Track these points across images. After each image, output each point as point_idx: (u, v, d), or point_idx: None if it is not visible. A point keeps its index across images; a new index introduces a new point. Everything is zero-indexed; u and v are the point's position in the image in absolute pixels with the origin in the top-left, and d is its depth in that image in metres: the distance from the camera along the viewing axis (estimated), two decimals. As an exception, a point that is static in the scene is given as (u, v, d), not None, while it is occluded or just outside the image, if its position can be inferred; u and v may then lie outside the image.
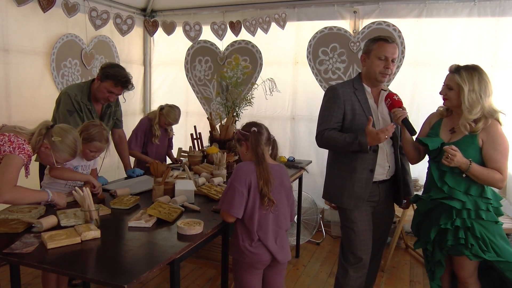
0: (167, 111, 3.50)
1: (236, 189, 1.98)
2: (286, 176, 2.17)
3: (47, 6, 3.50)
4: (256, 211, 2.00)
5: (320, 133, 2.34)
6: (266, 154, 2.09)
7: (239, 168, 2.05)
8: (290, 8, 4.30)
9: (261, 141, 2.07)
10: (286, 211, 2.13)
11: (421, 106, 3.90)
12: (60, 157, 2.12)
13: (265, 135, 2.11)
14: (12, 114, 3.40)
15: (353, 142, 2.20)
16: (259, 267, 2.08)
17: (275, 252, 2.04)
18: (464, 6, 3.77)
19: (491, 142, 2.05)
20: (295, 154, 4.26)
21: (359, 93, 2.34)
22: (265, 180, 1.98)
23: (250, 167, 2.02)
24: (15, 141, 1.96)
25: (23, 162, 1.98)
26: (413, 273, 3.49)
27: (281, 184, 2.10)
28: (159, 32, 4.76)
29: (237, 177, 2.00)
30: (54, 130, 2.11)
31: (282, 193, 2.11)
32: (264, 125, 2.17)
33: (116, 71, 2.85)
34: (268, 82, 3.87)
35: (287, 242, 2.15)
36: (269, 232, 2.03)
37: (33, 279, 3.14)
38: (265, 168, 2.01)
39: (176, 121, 3.57)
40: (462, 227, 2.07)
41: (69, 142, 2.12)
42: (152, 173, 2.53)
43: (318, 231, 4.24)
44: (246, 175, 1.99)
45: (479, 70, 2.08)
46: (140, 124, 3.60)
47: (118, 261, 1.62)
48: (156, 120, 3.52)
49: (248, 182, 1.98)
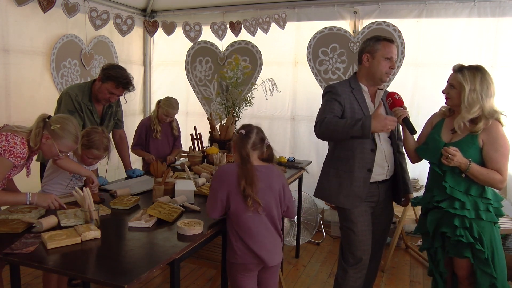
0: (163, 101, 3.51)
1: (213, 190, 2.02)
2: (276, 177, 2.09)
3: (47, 6, 3.50)
4: (241, 213, 1.98)
5: (320, 120, 2.24)
6: (252, 157, 2.04)
7: (219, 170, 2.07)
8: (290, 9, 4.31)
9: (246, 144, 2.03)
10: (276, 213, 2.07)
11: (421, 106, 3.90)
12: (63, 144, 2.09)
13: (254, 139, 2.06)
14: (12, 114, 3.40)
15: (355, 124, 2.09)
16: (252, 269, 2.05)
17: (263, 255, 1.99)
18: (464, 7, 3.77)
19: (492, 142, 2.05)
20: (295, 154, 4.26)
21: (357, 92, 2.34)
22: (248, 181, 1.95)
23: (231, 169, 2.02)
24: (7, 144, 1.94)
25: (12, 165, 1.97)
26: (413, 273, 3.49)
27: (269, 186, 2.04)
28: (159, 33, 4.76)
29: (215, 179, 2.04)
30: (52, 119, 2.10)
31: (271, 194, 2.05)
32: (258, 128, 2.12)
33: (117, 73, 2.84)
34: (268, 82, 3.87)
35: (278, 244, 2.09)
36: (256, 234, 1.99)
37: (33, 279, 3.14)
38: (249, 169, 1.97)
39: (174, 109, 3.51)
40: (462, 227, 2.08)
41: (70, 128, 2.11)
42: (152, 173, 2.53)
43: (318, 231, 4.24)
44: (224, 177, 2.01)
45: (483, 70, 2.08)
46: (141, 123, 3.63)
47: (118, 261, 1.62)
48: (155, 115, 3.53)
49: (227, 184, 1.98)
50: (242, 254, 2.00)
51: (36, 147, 2.05)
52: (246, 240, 1.99)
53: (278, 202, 2.08)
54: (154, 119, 3.52)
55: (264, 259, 2.00)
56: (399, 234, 3.67)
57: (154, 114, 3.54)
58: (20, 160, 1.99)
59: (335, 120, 2.19)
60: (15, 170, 2.09)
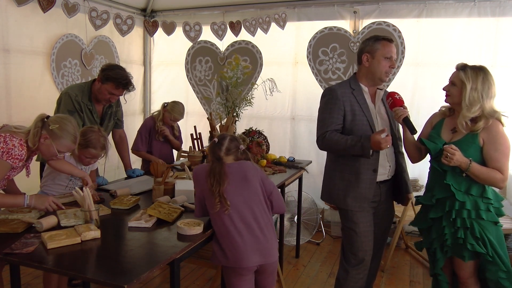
0: (171, 106, 3.51)
1: (195, 191, 2.08)
2: (251, 169, 2.06)
3: (47, 6, 3.50)
4: (212, 211, 1.99)
5: (321, 136, 2.32)
6: (225, 159, 2.05)
7: (194, 170, 2.13)
8: (290, 8, 4.31)
9: (217, 150, 2.06)
10: (258, 209, 2.02)
11: (421, 106, 3.90)
12: (61, 144, 2.08)
13: (227, 145, 2.07)
14: (12, 114, 3.40)
15: (355, 145, 2.19)
16: (244, 273, 2.00)
17: (233, 255, 1.93)
18: (464, 6, 3.77)
19: (492, 142, 2.05)
20: (295, 154, 4.26)
21: (357, 93, 2.34)
22: (216, 180, 1.95)
23: (202, 169, 2.05)
24: (5, 146, 1.93)
25: (10, 167, 1.97)
26: (413, 273, 3.49)
27: (244, 178, 2.02)
28: (159, 32, 4.76)
29: (193, 181, 2.10)
30: (51, 119, 2.10)
31: (247, 187, 2.01)
32: (232, 137, 2.13)
33: (117, 73, 2.84)
34: (268, 82, 3.87)
35: (260, 243, 1.98)
36: (226, 233, 1.95)
37: (33, 279, 3.14)
38: (218, 168, 1.98)
39: (181, 115, 3.57)
40: (462, 227, 2.08)
41: (68, 128, 2.10)
42: (152, 173, 2.53)
43: (318, 231, 4.24)
44: (199, 176, 2.05)
45: (485, 71, 2.08)
46: (144, 124, 3.62)
47: (118, 261, 1.62)
48: (160, 117, 3.52)
49: (201, 184, 2.02)
50: (218, 255, 1.98)
51: (34, 147, 2.04)
52: (219, 239, 1.98)
53: (259, 196, 2.04)
54: (159, 121, 3.51)
55: (235, 259, 1.94)
56: (399, 234, 3.67)
57: (159, 117, 3.52)
58: (19, 162, 1.99)
59: (335, 138, 2.27)
60: (14, 171, 2.09)
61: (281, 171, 3.31)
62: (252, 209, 2.01)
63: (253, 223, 1.99)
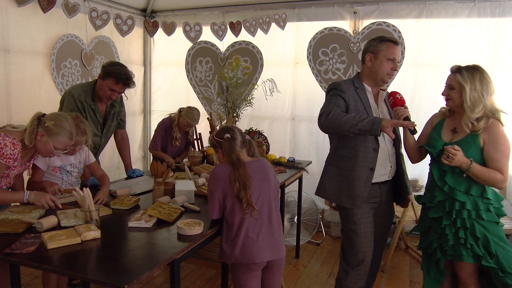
0: (185, 112, 3.52)
1: (211, 191, 2.05)
2: (269, 167, 2.14)
3: (47, 6, 3.51)
4: (235, 214, 1.99)
5: (325, 112, 2.20)
6: (242, 156, 2.07)
7: (213, 172, 2.08)
8: (290, 9, 4.31)
9: (235, 146, 2.06)
10: (274, 206, 2.07)
11: (421, 106, 3.90)
12: (57, 141, 2.08)
13: (239, 139, 2.09)
14: (12, 114, 3.40)
15: (365, 119, 2.09)
16: (255, 268, 2.04)
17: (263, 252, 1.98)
18: (464, 7, 3.77)
19: (492, 142, 2.05)
20: (295, 155, 4.26)
21: (360, 91, 2.34)
22: (242, 184, 1.96)
23: (224, 171, 2.02)
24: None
25: (4, 166, 1.98)
26: (413, 273, 3.49)
27: (265, 176, 2.07)
28: (159, 33, 4.75)
29: (211, 180, 2.06)
30: (47, 116, 2.10)
31: (268, 186, 2.06)
32: (236, 128, 2.16)
33: (116, 69, 2.85)
34: (268, 83, 3.87)
35: (276, 238, 2.06)
36: (247, 235, 1.98)
37: (33, 279, 3.14)
38: (242, 172, 1.98)
39: (195, 121, 3.57)
40: (462, 228, 2.08)
41: (64, 124, 2.10)
42: (152, 173, 2.53)
43: (318, 231, 4.24)
44: (219, 177, 2.03)
45: (481, 69, 2.08)
46: (161, 123, 3.62)
47: (118, 261, 1.62)
48: (176, 122, 3.54)
49: (222, 185, 2.00)
50: (227, 254, 2.00)
51: (31, 145, 2.05)
52: (233, 238, 1.99)
53: (275, 192, 2.10)
54: (175, 126, 3.54)
55: (249, 256, 1.97)
56: (399, 234, 3.67)
57: (175, 122, 3.55)
58: (12, 161, 1.99)
59: (342, 113, 2.18)
60: (13, 169, 2.09)
61: (281, 171, 3.31)
62: (270, 205, 2.06)
63: (271, 219, 2.05)
